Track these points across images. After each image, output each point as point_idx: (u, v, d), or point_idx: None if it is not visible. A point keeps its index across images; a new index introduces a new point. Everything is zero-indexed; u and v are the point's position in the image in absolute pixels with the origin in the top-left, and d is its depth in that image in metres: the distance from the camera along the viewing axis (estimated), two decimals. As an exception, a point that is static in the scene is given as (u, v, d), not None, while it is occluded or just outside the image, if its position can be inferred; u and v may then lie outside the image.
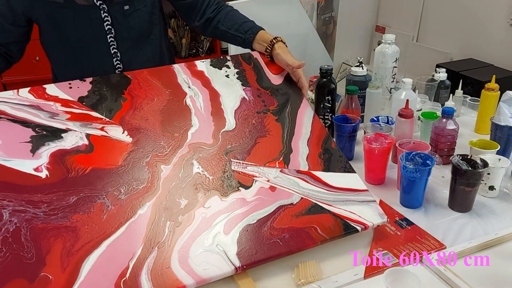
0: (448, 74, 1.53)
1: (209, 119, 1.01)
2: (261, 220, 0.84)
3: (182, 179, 0.89)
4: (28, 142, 0.90)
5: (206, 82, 1.10)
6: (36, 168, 0.86)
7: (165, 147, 0.94)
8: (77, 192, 0.84)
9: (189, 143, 0.96)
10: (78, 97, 1.00)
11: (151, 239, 0.79)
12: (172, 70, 1.11)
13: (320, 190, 0.91)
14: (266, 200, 0.88)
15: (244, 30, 1.22)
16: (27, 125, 0.93)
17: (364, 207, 0.89)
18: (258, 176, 0.92)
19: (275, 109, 1.07)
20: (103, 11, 1.14)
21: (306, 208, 0.87)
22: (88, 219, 0.80)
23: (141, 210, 0.83)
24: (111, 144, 0.93)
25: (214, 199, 0.87)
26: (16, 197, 0.81)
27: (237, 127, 1.01)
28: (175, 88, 1.06)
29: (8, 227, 0.77)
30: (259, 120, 1.03)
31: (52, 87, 1.01)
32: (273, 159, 0.96)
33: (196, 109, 1.03)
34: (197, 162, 0.92)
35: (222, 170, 0.92)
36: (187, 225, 0.82)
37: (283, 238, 0.82)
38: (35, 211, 0.80)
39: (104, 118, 0.97)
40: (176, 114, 1.01)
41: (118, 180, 0.87)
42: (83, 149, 0.91)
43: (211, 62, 1.15)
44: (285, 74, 1.16)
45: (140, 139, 0.95)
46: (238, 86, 1.10)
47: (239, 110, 1.05)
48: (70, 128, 0.94)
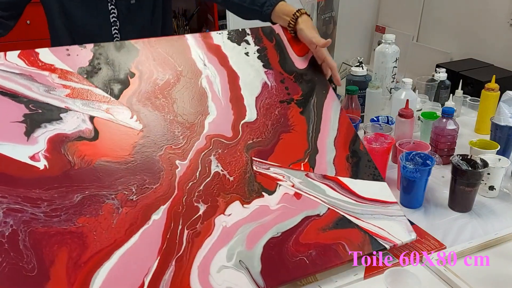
0: (448, 74, 1.53)
1: (227, 107, 0.91)
2: (285, 233, 0.78)
3: (200, 179, 0.80)
4: (21, 122, 0.77)
5: (223, 60, 0.97)
6: (32, 156, 0.74)
7: (180, 138, 0.84)
8: (82, 189, 0.73)
9: (207, 134, 0.86)
10: (77, 67, 0.86)
11: (168, 252, 0.71)
12: (186, 42, 0.97)
13: (348, 200, 0.85)
14: (291, 209, 0.81)
15: (261, 3, 1.08)
16: (19, 100, 0.79)
17: (393, 223, 0.84)
18: (282, 180, 0.84)
19: (300, 99, 0.97)
20: (110, 4, 1.14)
21: (333, 221, 0.81)
22: (96, 224, 0.71)
23: (156, 215, 0.74)
24: (119, 131, 0.81)
25: (235, 205, 0.79)
26: (10, 192, 0.70)
27: (259, 119, 0.91)
28: (189, 65, 0.94)
29: (3, 230, 0.67)
30: (282, 111, 0.94)
31: (47, 53, 0.86)
32: (298, 160, 0.88)
33: (213, 93, 0.92)
34: (216, 159, 0.83)
35: (243, 170, 0.83)
36: (207, 236, 0.74)
37: (309, 255, 0.76)
38: (34, 211, 0.70)
39: (109, 97, 0.84)
40: (191, 97, 0.89)
41: (128, 176, 0.77)
42: (86, 134, 0.79)
43: (229, 35, 1.01)
44: (310, 56, 1.05)
45: (151, 126, 0.83)
46: (259, 67, 0.99)
47: (260, 98, 0.94)
48: (70, 107, 0.81)
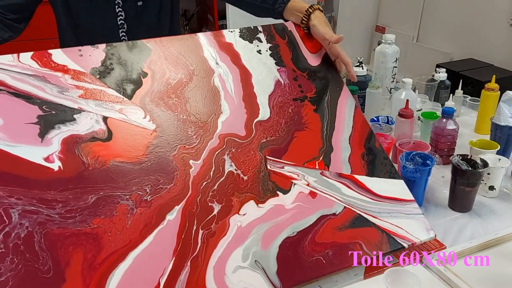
0: (448, 74, 1.53)
1: (240, 105, 0.90)
2: (301, 233, 0.76)
3: (214, 179, 0.79)
4: (35, 123, 0.77)
5: (235, 58, 0.96)
6: (46, 158, 0.74)
7: (193, 137, 0.83)
8: (97, 190, 0.73)
9: (220, 133, 0.85)
10: (90, 68, 0.86)
11: (183, 252, 0.70)
12: (197, 41, 0.96)
13: (364, 198, 0.83)
14: (306, 208, 0.80)
15: (273, 0, 1.08)
16: (33, 101, 0.79)
17: (411, 221, 0.82)
18: (296, 179, 0.83)
19: (313, 97, 0.95)
20: (117, 6, 1.14)
21: (350, 220, 0.80)
22: (110, 225, 0.70)
23: (170, 215, 0.73)
24: (132, 131, 0.81)
25: (249, 205, 0.78)
26: (25, 194, 0.70)
27: (272, 117, 0.90)
28: (201, 64, 0.93)
29: (19, 232, 0.67)
30: (296, 109, 0.92)
31: (60, 54, 0.86)
32: (313, 158, 0.86)
33: (226, 92, 0.91)
34: (230, 158, 0.82)
35: (257, 169, 0.82)
36: (222, 236, 0.73)
37: (326, 255, 0.75)
38: (49, 212, 0.69)
39: (122, 97, 0.84)
40: (204, 96, 0.89)
41: (142, 177, 0.76)
42: (100, 135, 0.79)
43: (241, 33, 1.01)
44: (323, 53, 1.03)
45: (164, 126, 0.83)
46: (272, 65, 0.97)
47: (273, 96, 0.93)
48: (83, 108, 0.81)
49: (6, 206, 0.68)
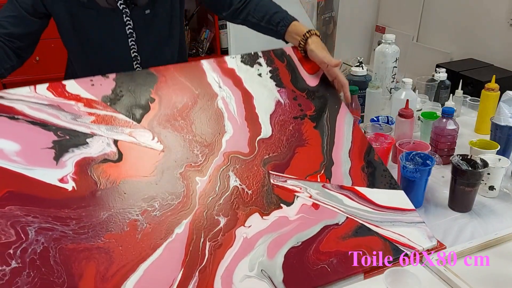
0: (448, 74, 1.52)
1: (243, 125, 0.94)
2: (305, 242, 0.79)
3: (219, 194, 0.82)
4: (50, 148, 0.82)
5: (237, 82, 1.02)
6: (61, 179, 0.79)
7: (199, 156, 0.87)
8: (108, 208, 0.77)
9: (224, 151, 0.89)
10: (101, 96, 0.92)
11: (191, 263, 0.73)
12: (201, 67, 1.02)
13: (366, 209, 0.86)
14: (310, 219, 0.82)
15: (275, 22, 1.14)
16: (48, 128, 0.85)
17: (413, 229, 0.84)
18: (299, 191, 0.86)
19: (313, 115, 1.00)
20: (125, 15, 1.12)
21: (353, 230, 0.82)
22: (121, 239, 0.74)
23: (178, 229, 0.77)
24: (141, 152, 0.85)
25: (254, 217, 0.81)
26: (41, 213, 0.74)
27: (274, 135, 0.94)
28: (205, 88, 0.98)
29: (35, 248, 0.70)
30: (296, 126, 0.97)
31: (73, 84, 0.93)
32: (314, 172, 0.90)
33: (229, 113, 0.96)
34: (234, 174, 0.86)
35: (261, 183, 0.86)
36: (228, 247, 0.76)
37: (330, 263, 0.77)
38: (63, 229, 0.73)
39: (132, 121, 0.89)
40: (208, 118, 0.94)
41: (151, 193, 0.80)
42: (111, 157, 0.83)
43: (242, 59, 1.06)
44: (321, 74, 1.08)
45: (171, 146, 0.87)
46: (272, 87, 1.03)
47: (274, 115, 0.97)
48: (95, 132, 0.86)
49: (24, 224, 0.72)
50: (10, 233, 0.71)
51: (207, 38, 2.66)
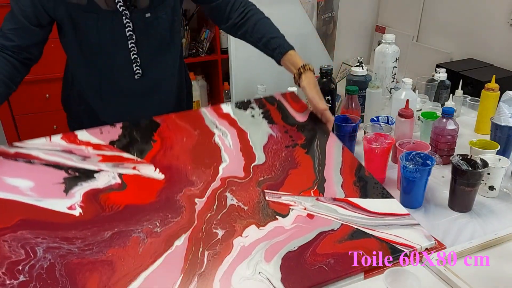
0: (448, 74, 1.52)
1: (238, 155, 1.01)
2: (302, 247, 0.80)
3: (217, 211, 0.87)
4: (61, 183, 0.90)
5: (232, 122, 1.11)
6: (69, 207, 0.85)
7: (198, 182, 0.93)
8: (112, 228, 0.82)
9: (221, 177, 0.95)
10: (109, 140, 1.02)
11: (190, 270, 0.75)
12: (199, 114, 1.13)
13: (360, 215, 0.88)
14: (305, 227, 0.85)
15: (272, 47, 1.18)
16: (60, 168, 0.93)
17: (409, 230, 0.85)
18: (294, 205, 0.89)
19: (304, 143, 1.07)
20: (125, 17, 1.11)
21: (348, 234, 0.84)
22: (123, 253, 0.77)
23: (178, 241, 0.80)
24: (144, 182, 0.92)
25: (251, 228, 0.84)
26: (50, 235, 0.79)
27: (267, 161, 1.00)
28: (203, 129, 1.08)
29: (42, 264, 0.74)
30: (288, 153, 1.03)
31: (84, 133, 1.03)
32: (307, 188, 0.94)
33: (225, 147, 1.03)
34: (231, 194, 0.91)
35: (257, 201, 0.90)
36: (226, 255, 0.78)
37: (328, 263, 0.78)
38: (70, 247, 0.77)
39: (136, 158, 0.98)
40: (206, 152, 1.01)
41: (152, 214, 0.85)
42: (116, 187, 0.90)
43: (236, 105, 1.17)
44: (309, 111, 1.18)
45: (172, 176, 0.94)
46: (264, 124, 1.12)
47: (267, 146, 1.05)
48: (103, 169, 0.94)
49: (33, 244, 0.77)
50: (20, 252, 0.76)
51: (207, 38, 2.62)
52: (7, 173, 0.91)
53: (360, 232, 0.84)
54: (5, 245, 0.77)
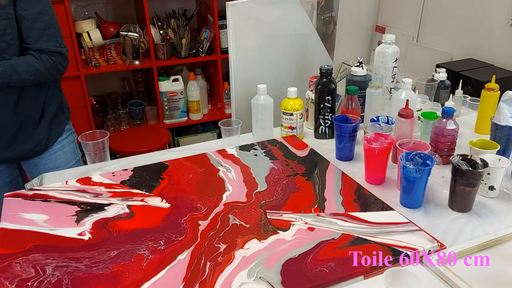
0: (448, 74, 1.50)
1: (242, 184, 1.06)
2: (303, 254, 0.81)
3: (219, 229, 0.89)
4: (73, 215, 0.95)
5: (236, 160, 1.18)
6: (80, 233, 0.89)
7: (202, 208, 0.97)
8: (118, 247, 0.85)
9: (225, 202, 0.99)
10: (120, 180, 1.09)
11: (192, 279, 0.76)
12: (205, 156, 1.21)
13: (361, 225, 0.89)
14: (306, 238, 0.86)
15: None
16: (73, 204, 0.99)
17: (411, 235, 0.85)
18: (295, 221, 0.91)
19: (304, 172, 1.11)
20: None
21: (349, 241, 0.84)
22: (128, 267, 0.79)
23: (181, 256, 0.82)
24: (151, 210, 0.97)
25: (253, 242, 0.85)
26: (59, 256, 0.83)
27: (269, 188, 1.04)
28: (208, 167, 1.14)
29: (50, 279, 0.77)
30: (289, 181, 1.07)
31: (97, 176, 1.11)
32: (308, 207, 0.96)
33: (229, 179, 1.08)
34: (233, 216, 0.94)
35: (258, 219, 0.92)
36: (228, 264, 0.79)
37: (329, 266, 0.77)
38: (77, 265, 0.80)
39: (145, 192, 1.03)
40: (211, 184, 1.06)
41: (157, 235, 0.88)
42: (124, 216, 0.95)
43: (240, 148, 1.25)
44: (309, 149, 1.23)
45: (178, 204, 0.98)
46: (267, 160, 1.17)
47: (269, 176, 1.09)
48: (113, 202, 1.00)
49: (43, 265, 0.81)
50: (31, 271, 0.79)
51: (207, 38, 2.59)
52: (25, 210, 0.97)
53: (361, 239, 0.85)
54: (17, 266, 0.80)
